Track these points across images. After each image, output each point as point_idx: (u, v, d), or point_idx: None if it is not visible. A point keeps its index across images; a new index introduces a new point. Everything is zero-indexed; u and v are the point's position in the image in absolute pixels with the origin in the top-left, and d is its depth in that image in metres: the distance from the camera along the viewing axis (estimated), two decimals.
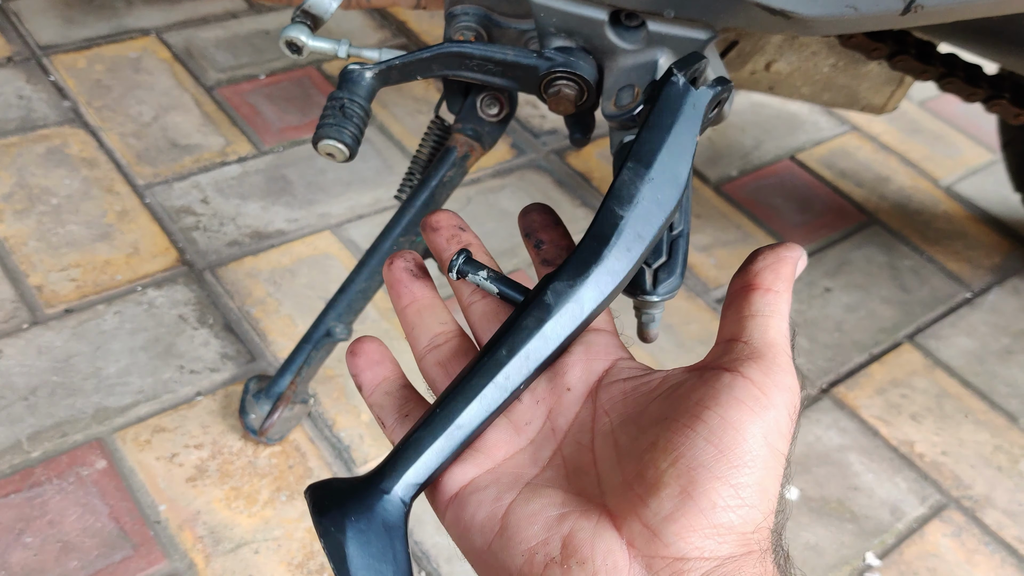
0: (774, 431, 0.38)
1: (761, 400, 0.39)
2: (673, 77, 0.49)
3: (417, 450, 0.42)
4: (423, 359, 0.49)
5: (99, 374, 1.11)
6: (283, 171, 1.43)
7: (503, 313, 0.49)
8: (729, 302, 0.45)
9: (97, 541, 0.96)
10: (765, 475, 0.38)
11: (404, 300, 0.50)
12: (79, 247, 1.25)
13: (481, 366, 0.44)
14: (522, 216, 0.53)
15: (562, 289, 0.46)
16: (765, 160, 1.65)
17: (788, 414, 0.39)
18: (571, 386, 0.46)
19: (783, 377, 0.40)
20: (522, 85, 0.88)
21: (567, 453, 0.44)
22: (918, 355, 1.34)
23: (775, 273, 0.44)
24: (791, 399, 0.40)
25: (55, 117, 1.44)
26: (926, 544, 1.10)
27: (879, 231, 1.55)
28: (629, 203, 0.47)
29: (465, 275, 0.49)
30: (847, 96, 1.15)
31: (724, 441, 0.37)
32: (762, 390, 0.39)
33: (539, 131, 1.61)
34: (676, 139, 0.48)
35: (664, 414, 0.40)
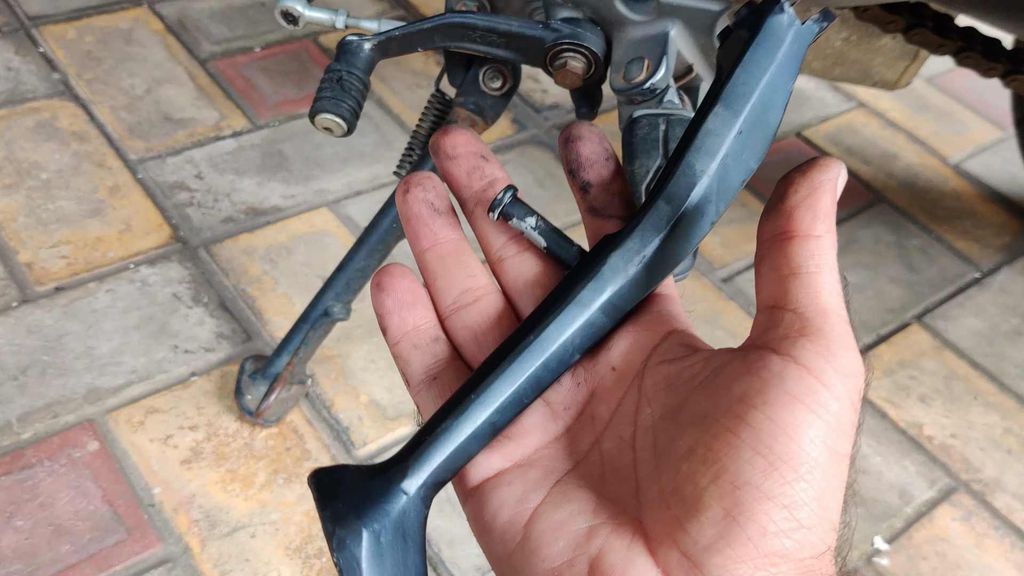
0: (836, 431, 0.32)
1: (820, 394, 0.32)
2: (779, 5, 0.40)
3: (445, 444, 0.37)
4: (448, 318, 0.42)
5: (91, 353, 1.08)
6: (279, 146, 1.39)
7: (543, 275, 0.42)
8: (763, 255, 0.36)
9: (90, 524, 0.93)
10: (825, 487, 0.31)
11: (424, 241, 0.42)
12: (70, 223, 1.22)
13: (525, 346, 0.38)
14: (564, 140, 0.43)
15: (623, 260, 0.39)
16: None
17: (852, 405, 0.32)
18: (615, 365, 0.39)
19: (845, 357, 0.32)
20: (527, 57, 0.85)
21: (607, 448, 0.38)
22: (926, 336, 1.32)
23: (813, 211, 0.35)
24: (855, 384, 0.33)
25: (44, 89, 1.40)
26: (935, 528, 1.08)
27: (886, 209, 1.52)
28: (712, 158, 0.39)
29: (510, 219, 0.41)
30: (859, 71, 1.12)
31: (775, 450, 0.31)
32: (820, 379, 0.32)
33: (541, 106, 1.58)
34: (774, 82, 0.39)
35: (704, 411, 0.34)
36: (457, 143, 0.42)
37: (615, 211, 0.43)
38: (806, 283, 0.34)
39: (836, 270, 0.35)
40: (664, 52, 0.78)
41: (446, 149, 0.42)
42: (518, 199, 0.41)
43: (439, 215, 0.42)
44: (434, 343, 0.41)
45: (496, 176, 0.43)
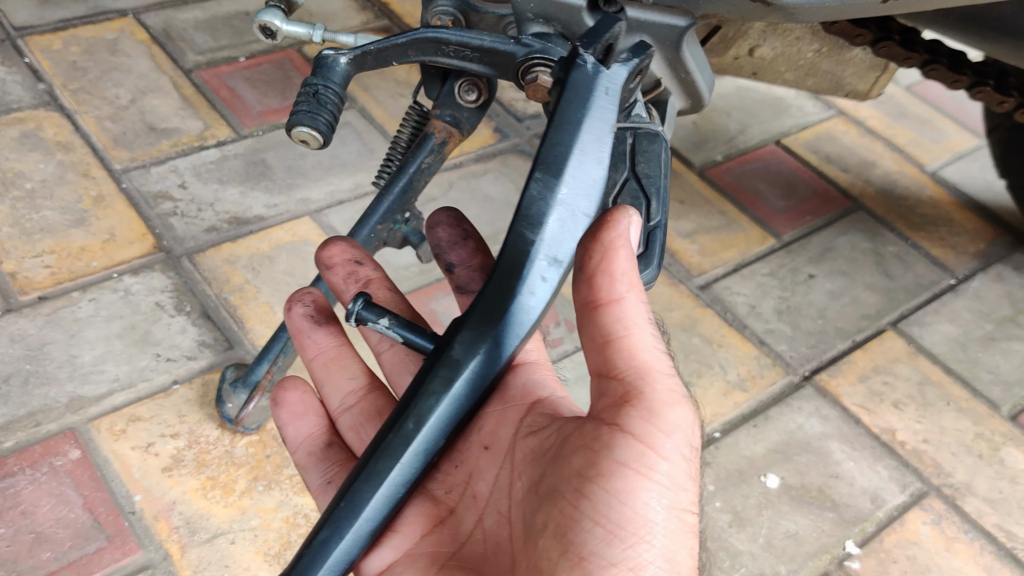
0: (671, 489, 0.33)
1: (647, 457, 0.33)
2: (579, 58, 0.41)
3: (324, 554, 0.38)
4: (337, 420, 0.45)
5: (74, 362, 1.09)
6: (262, 155, 1.41)
7: (416, 360, 0.45)
8: (580, 326, 0.37)
9: (71, 532, 0.95)
10: (669, 544, 0.32)
11: (309, 352, 0.45)
12: (54, 233, 1.23)
13: (387, 444, 0.39)
14: (428, 228, 0.46)
15: (471, 340, 0.40)
16: (750, 145, 1.64)
17: (684, 458, 0.33)
18: (487, 443, 0.41)
19: (669, 414, 0.34)
20: (499, 71, 0.87)
21: (488, 525, 0.39)
22: (901, 342, 1.34)
23: (609, 274, 0.36)
24: (684, 438, 0.34)
25: (30, 100, 1.41)
26: (906, 532, 1.10)
27: (864, 217, 1.54)
28: (540, 224, 0.40)
29: (365, 323, 0.44)
30: (831, 82, 1.14)
31: (611, 518, 0.32)
32: (647, 443, 0.33)
33: (522, 115, 1.59)
34: (588, 135, 0.40)
35: (552, 485, 0.35)
36: (333, 253, 0.45)
37: (478, 287, 0.45)
38: (620, 348, 0.35)
39: (648, 324, 0.36)
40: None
41: (323, 260, 0.45)
42: (371, 303, 0.44)
43: (319, 327, 0.45)
44: (327, 448, 0.44)
45: (371, 277, 0.46)
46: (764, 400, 1.22)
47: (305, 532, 0.99)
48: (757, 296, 1.36)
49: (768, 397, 1.23)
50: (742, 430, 1.18)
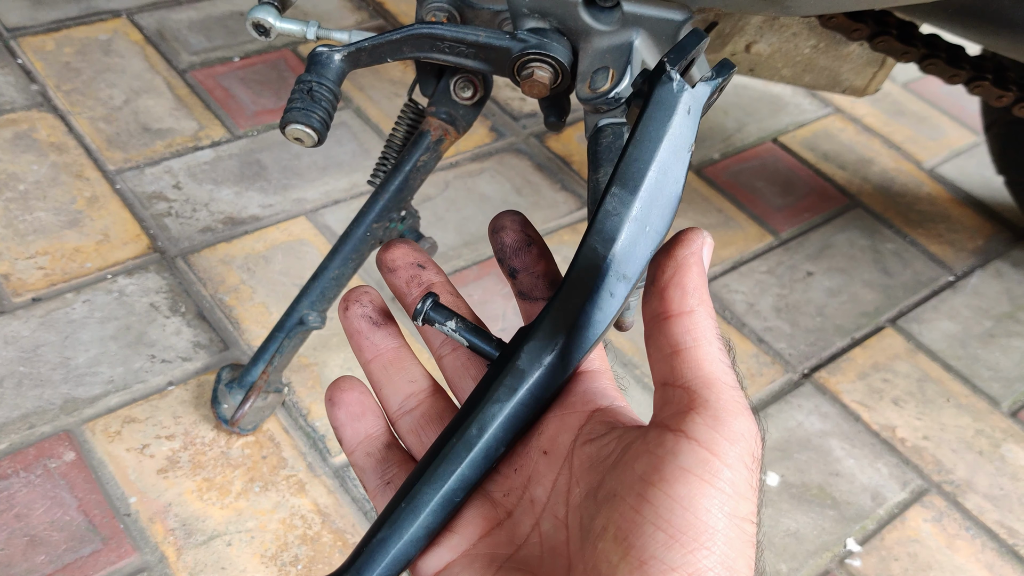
0: (732, 496, 0.33)
1: (711, 464, 0.33)
2: (666, 75, 0.40)
3: (381, 555, 0.39)
4: (396, 423, 0.45)
5: (68, 364, 1.08)
6: (257, 156, 1.40)
7: (477, 368, 0.45)
8: (648, 336, 0.38)
9: (65, 535, 0.94)
10: (729, 551, 0.33)
11: (367, 354, 0.46)
12: (47, 234, 1.22)
13: (450, 449, 0.40)
14: (492, 232, 0.46)
15: (538, 351, 0.41)
16: (747, 143, 1.64)
17: (747, 467, 0.34)
18: (546, 448, 0.41)
19: (733, 423, 0.34)
20: (495, 67, 0.86)
21: (545, 529, 0.40)
22: (900, 339, 1.33)
23: (681, 288, 0.37)
24: (748, 448, 0.34)
25: (23, 101, 1.40)
26: (907, 529, 1.10)
27: (862, 214, 1.53)
28: (612, 240, 0.40)
29: (433, 323, 0.44)
30: (828, 78, 1.13)
31: (674, 523, 0.33)
32: (711, 450, 0.34)
33: (519, 114, 1.59)
34: (667, 154, 0.40)
35: (613, 490, 0.36)
36: (396, 256, 0.45)
37: (541, 293, 0.45)
38: (687, 358, 0.36)
39: (716, 338, 0.37)
40: (628, 61, 0.79)
41: (386, 263, 0.45)
42: (439, 304, 0.44)
43: (377, 327, 0.45)
44: (386, 449, 0.44)
45: (433, 281, 0.46)
46: (763, 398, 1.22)
47: (302, 533, 0.98)
48: (755, 294, 1.35)
49: (767, 395, 1.22)
50: None
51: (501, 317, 1.24)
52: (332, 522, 1.00)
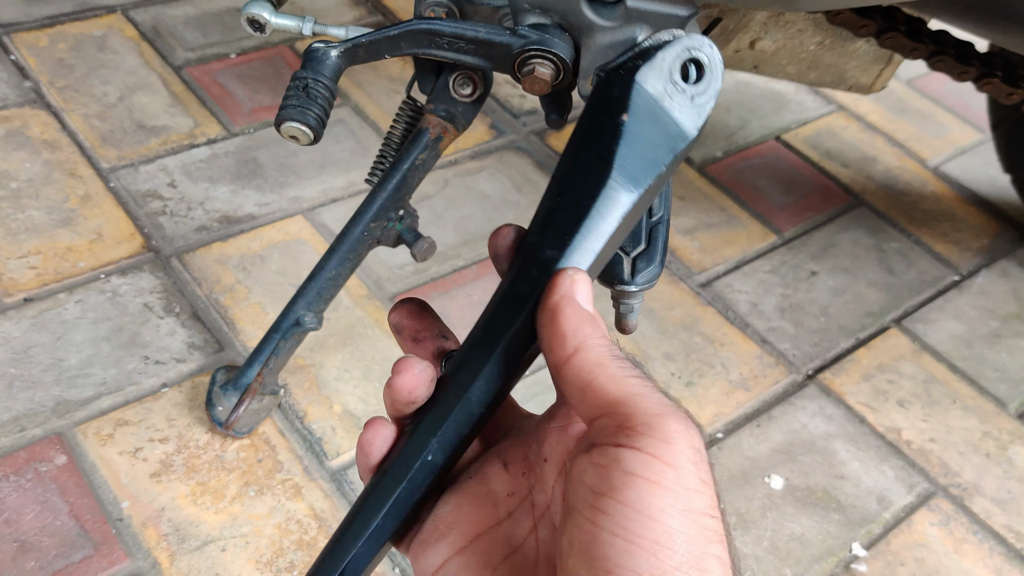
0: (683, 494, 0.33)
1: (654, 465, 0.33)
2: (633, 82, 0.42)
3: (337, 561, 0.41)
4: None
5: (60, 365, 1.07)
6: (254, 153, 1.38)
7: None
8: (557, 388, 0.40)
9: (56, 540, 0.92)
10: (692, 548, 0.32)
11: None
12: (40, 233, 1.20)
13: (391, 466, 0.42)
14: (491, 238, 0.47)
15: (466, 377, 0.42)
16: (750, 140, 1.62)
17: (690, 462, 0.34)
18: (547, 456, 0.41)
19: (661, 425, 0.34)
20: (495, 64, 0.84)
21: (542, 535, 0.40)
22: (905, 340, 1.31)
23: (560, 335, 0.38)
24: (686, 443, 0.34)
25: (15, 98, 1.38)
26: (913, 534, 1.08)
27: (865, 213, 1.52)
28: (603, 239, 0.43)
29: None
30: (834, 75, 1.11)
31: (631, 528, 0.32)
32: (650, 452, 0.33)
33: (519, 111, 1.57)
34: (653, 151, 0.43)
35: (572, 505, 0.36)
36: (419, 328, 0.46)
37: None
38: (593, 391, 0.36)
39: (612, 360, 0.37)
40: None
41: (393, 325, 0.46)
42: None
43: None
44: None
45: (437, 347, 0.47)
46: (767, 399, 1.20)
47: (298, 538, 0.97)
48: (759, 294, 1.33)
49: (771, 396, 1.20)
50: (745, 430, 1.16)
51: None
52: (329, 527, 0.98)
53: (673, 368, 1.21)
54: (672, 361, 1.22)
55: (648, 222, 0.71)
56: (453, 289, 1.25)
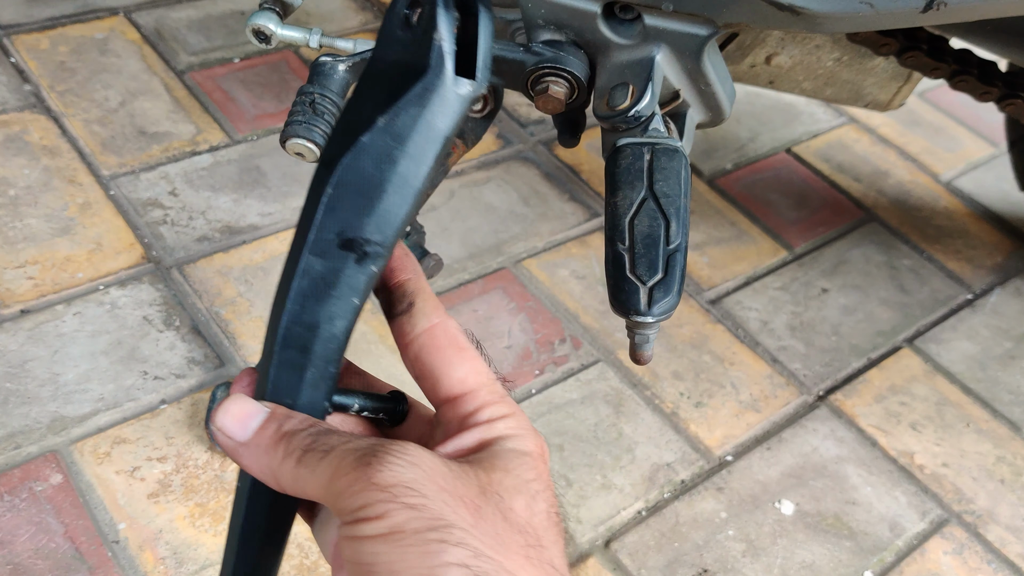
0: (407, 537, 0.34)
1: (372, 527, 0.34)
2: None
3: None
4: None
5: (56, 380, 1.04)
6: (257, 161, 1.36)
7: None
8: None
9: (51, 563, 0.90)
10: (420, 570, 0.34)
11: None
12: (38, 242, 1.18)
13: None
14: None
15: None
16: (761, 153, 1.59)
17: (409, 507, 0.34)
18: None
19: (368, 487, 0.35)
20: (507, 81, 0.82)
21: None
22: (918, 360, 1.29)
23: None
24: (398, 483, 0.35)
25: (15, 102, 1.36)
26: (927, 562, 1.05)
27: (877, 228, 1.49)
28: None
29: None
30: (851, 92, 1.09)
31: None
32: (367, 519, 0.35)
33: (526, 121, 1.54)
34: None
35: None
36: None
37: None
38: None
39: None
40: (650, 78, 0.75)
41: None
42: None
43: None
44: None
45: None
46: (778, 421, 1.18)
47: (298, 562, 0.94)
48: (769, 311, 1.31)
49: (782, 418, 1.18)
50: (755, 453, 1.13)
51: (507, 334, 1.20)
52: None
53: (682, 388, 1.18)
54: (681, 380, 1.19)
55: (665, 250, 0.69)
56: (459, 304, 1.23)
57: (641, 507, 1.05)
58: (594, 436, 1.11)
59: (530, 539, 0.36)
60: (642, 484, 1.07)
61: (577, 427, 1.11)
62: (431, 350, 0.39)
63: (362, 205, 0.37)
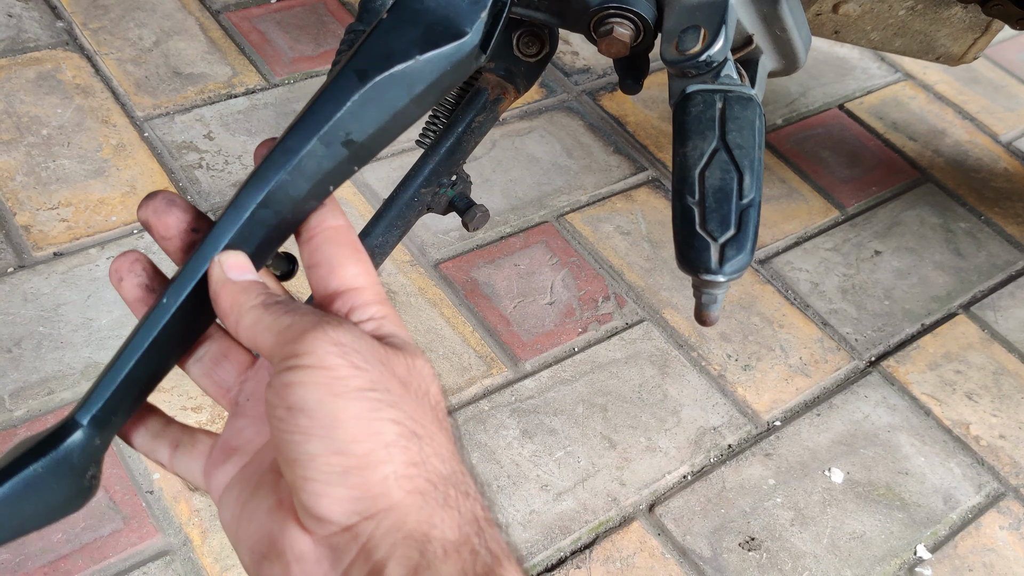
0: (337, 382, 0.37)
1: (304, 372, 0.37)
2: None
3: (111, 377, 0.42)
4: (189, 372, 0.48)
5: (90, 325, 1.02)
6: (294, 106, 1.32)
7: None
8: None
9: (84, 512, 0.88)
10: (359, 420, 0.37)
11: None
12: (71, 183, 1.15)
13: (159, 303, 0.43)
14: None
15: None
16: (812, 108, 1.53)
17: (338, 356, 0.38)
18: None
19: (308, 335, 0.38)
20: (567, 22, 0.77)
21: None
22: (974, 327, 1.24)
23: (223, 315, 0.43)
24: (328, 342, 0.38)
25: (47, 39, 1.32)
26: (982, 537, 1.02)
27: (933, 189, 1.44)
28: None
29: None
30: (922, 43, 1.03)
31: (301, 425, 0.37)
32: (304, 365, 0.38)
33: (571, 69, 1.49)
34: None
35: (270, 425, 0.40)
36: (169, 225, 0.45)
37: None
38: (259, 347, 0.41)
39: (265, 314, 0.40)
40: (723, 21, 0.70)
41: (160, 232, 0.45)
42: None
43: (154, 292, 0.46)
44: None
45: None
46: (828, 387, 1.14)
47: None
48: (820, 273, 1.26)
49: (832, 383, 1.14)
50: (805, 419, 1.09)
51: (549, 290, 1.16)
52: None
53: (730, 350, 1.15)
54: (729, 342, 1.15)
55: (738, 204, 0.64)
56: (500, 258, 1.19)
57: (687, 471, 1.02)
58: (638, 397, 1.07)
59: (440, 419, 0.41)
60: (688, 448, 1.04)
61: (621, 387, 1.08)
62: (333, 244, 0.43)
63: (376, 121, 0.43)
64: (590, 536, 0.95)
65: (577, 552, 0.94)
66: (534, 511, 0.95)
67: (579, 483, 0.98)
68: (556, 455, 1.00)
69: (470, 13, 0.43)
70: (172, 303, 0.42)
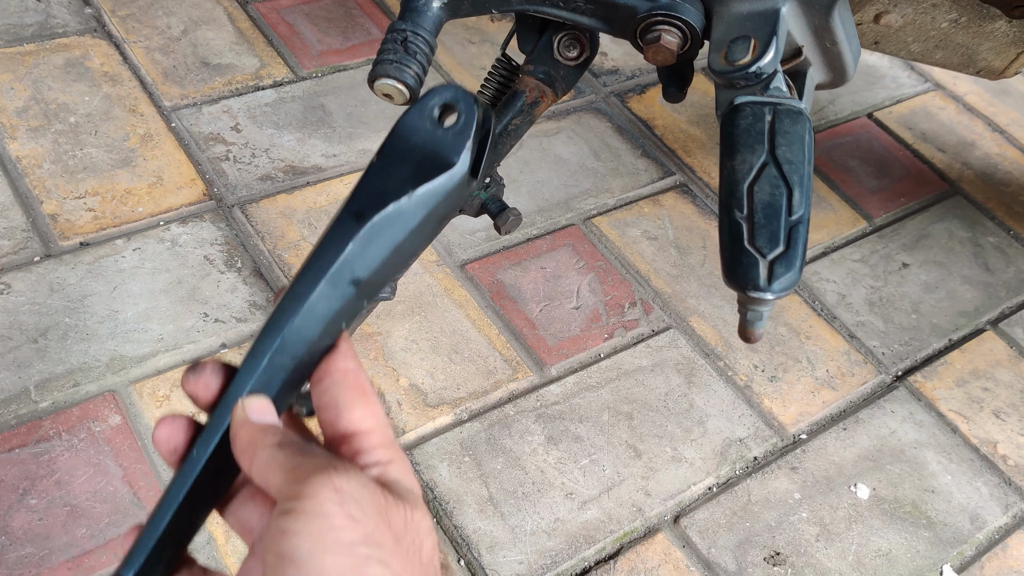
0: (330, 534, 0.37)
1: (300, 520, 0.38)
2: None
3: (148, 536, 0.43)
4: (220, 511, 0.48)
5: (116, 317, 1.01)
6: (322, 99, 1.31)
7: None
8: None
9: (109, 507, 0.87)
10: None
11: None
12: (98, 173, 1.14)
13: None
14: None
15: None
16: (841, 116, 1.52)
17: (336, 504, 0.38)
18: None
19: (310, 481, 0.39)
20: (613, 28, 0.76)
21: None
22: (1002, 344, 1.23)
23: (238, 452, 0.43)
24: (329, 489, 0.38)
25: (76, 25, 1.31)
26: (1009, 559, 1.01)
27: (961, 202, 1.42)
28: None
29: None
30: (963, 57, 1.02)
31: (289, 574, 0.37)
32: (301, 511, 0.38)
33: (599, 71, 1.48)
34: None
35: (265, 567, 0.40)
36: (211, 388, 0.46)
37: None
38: (268, 486, 0.41)
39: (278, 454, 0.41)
40: (774, 32, 0.69)
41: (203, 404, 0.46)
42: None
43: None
44: None
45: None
46: (854, 400, 1.13)
47: None
48: (847, 284, 1.25)
49: (858, 397, 1.13)
50: (831, 433, 1.08)
51: (575, 294, 1.15)
52: None
53: (756, 360, 1.13)
54: (755, 353, 1.14)
55: (788, 221, 0.63)
56: (526, 260, 1.18)
57: (712, 483, 1.01)
58: (664, 406, 1.06)
59: (429, 574, 0.41)
60: (713, 459, 1.03)
61: (647, 395, 1.07)
62: (341, 387, 0.43)
63: (378, 257, 0.44)
64: (615, 546, 0.94)
65: (601, 562, 0.93)
66: (559, 519, 0.95)
67: (604, 492, 0.97)
68: (581, 463, 0.99)
69: (455, 144, 0.45)
70: (201, 456, 0.44)
